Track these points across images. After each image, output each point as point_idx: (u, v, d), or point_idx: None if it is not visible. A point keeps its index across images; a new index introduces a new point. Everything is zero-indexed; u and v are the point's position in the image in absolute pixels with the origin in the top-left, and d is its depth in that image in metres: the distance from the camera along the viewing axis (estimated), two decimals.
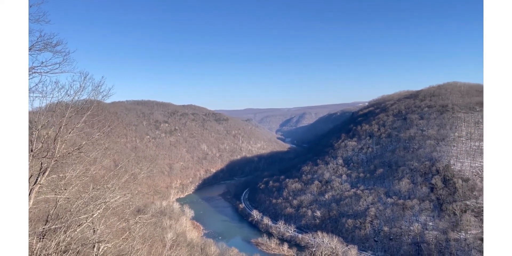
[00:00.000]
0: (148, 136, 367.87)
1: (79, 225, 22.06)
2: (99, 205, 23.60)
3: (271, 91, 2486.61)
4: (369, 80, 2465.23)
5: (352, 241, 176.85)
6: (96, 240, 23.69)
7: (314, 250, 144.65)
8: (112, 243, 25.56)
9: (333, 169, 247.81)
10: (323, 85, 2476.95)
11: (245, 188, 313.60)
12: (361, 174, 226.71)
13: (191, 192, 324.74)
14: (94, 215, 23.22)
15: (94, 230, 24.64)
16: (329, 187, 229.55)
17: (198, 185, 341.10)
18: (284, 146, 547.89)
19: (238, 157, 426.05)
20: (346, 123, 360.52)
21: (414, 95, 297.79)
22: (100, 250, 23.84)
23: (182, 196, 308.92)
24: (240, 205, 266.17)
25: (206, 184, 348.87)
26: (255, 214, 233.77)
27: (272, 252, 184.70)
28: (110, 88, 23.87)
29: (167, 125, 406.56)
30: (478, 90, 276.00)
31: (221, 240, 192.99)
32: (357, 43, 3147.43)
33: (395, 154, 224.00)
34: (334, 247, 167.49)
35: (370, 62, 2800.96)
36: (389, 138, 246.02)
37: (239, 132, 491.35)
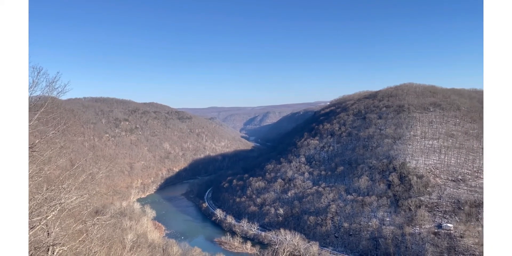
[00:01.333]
0: (107, 135, 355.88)
1: (32, 227, 20.99)
2: (54, 207, 22.60)
3: (235, 90, 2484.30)
4: (331, 80, 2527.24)
5: (314, 238, 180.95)
6: (51, 243, 22.70)
7: (277, 248, 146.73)
8: (68, 246, 24.60)
9: (296, 167, 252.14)
10: (287, 85, 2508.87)
11: (209, 187, 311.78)
12: (323, 172, 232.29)
13: (153, 192, 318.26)
14: (48, 217, 22.22)
15: (48, 233, 23.58)
16: (292, 185, 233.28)
17: (160, 185, 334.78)
18: (248, 145, 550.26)
19: (202, 156, 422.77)
20: (309, 122, 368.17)
21: (373, 96, 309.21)
22: (55, 253, 22.88)
23: (143, 196, 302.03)
24: (203, 204, 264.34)
25: (169, 184, 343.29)
26: (219, 213, 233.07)
27: (236, 251, 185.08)
28: (66, 84, 23.03)
29: (127, 123, 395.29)
30: (431, 92, 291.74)
31: (184, 240, 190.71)
32: (318, 44, 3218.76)
33: (355, 152, 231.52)
34: (296, 244, 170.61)
35: (332, 62, 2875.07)
36: (349, 137, 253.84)
37: (202, 131, 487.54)
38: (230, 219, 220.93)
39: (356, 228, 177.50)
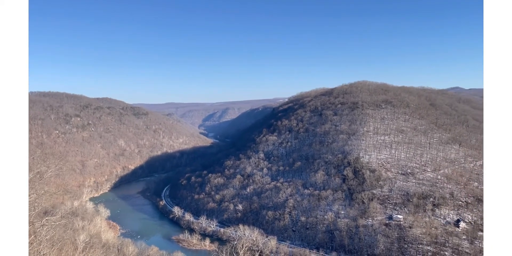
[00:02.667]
0: (57, 131, 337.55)
1: None
2: None
3: (193, 85, 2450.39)
4: (289, 77, 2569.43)
5: (272, 232, 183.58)
6: None
7: (236, 243, 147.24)
8: None
9: (255, 163, 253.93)
10: (246, 81, 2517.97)
11: (166, 184, 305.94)
12: (281, 167, 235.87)
13: (107, 191, 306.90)
14: None
15: None
16: (251, 180, 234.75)
17: (115, 183, 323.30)
18: (207, 141, 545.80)
19: (159, 153, 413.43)
20: (268, 118, 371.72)
21: (329, 93, 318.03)
22: None
23: (96, 195, 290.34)
24: (161, 202, 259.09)
25: (124, 182, 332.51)
26: (177, 210, 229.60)
27: (194, 248, 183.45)
28: None
29: (79, 119, 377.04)
30: (383, 89, 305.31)
31: (140, 239, 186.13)
32: (277, 40, 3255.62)
33: (312, 148, 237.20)
34: (255, 239, 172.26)
35: (290, 59, 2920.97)
36: (307, 133, 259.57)
37: (160, 127, 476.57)
38: (188, 217, 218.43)
39: (312, 221, 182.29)
